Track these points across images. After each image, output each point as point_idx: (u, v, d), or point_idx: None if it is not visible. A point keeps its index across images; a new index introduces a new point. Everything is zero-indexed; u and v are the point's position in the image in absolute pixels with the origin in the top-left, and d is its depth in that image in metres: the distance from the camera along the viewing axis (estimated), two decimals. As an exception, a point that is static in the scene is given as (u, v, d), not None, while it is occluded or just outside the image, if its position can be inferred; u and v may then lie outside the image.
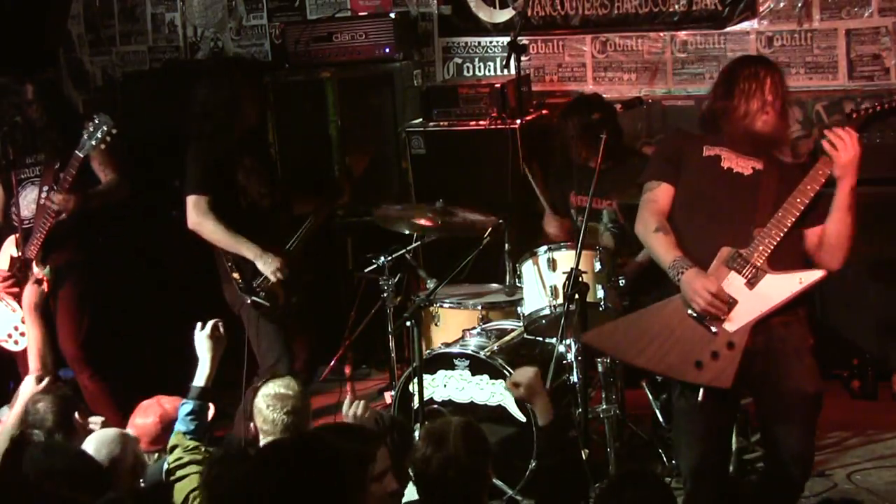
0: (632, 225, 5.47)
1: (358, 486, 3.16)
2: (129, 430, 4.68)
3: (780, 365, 4.26)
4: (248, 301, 5.48)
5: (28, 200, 5.76)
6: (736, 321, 4.22)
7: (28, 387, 4.85)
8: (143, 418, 4.87)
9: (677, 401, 4.40)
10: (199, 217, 5.46)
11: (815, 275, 4.25)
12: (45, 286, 5.69)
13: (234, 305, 5.60)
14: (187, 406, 4.28)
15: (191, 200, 5.48)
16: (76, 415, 4.58)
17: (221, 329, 4.43)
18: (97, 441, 4.28)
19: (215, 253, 5.57)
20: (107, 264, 6.15)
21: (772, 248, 4.21)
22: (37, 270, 5.69)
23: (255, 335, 5.55)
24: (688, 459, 4.42)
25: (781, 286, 4.22)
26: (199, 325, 4.44)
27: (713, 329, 4.22)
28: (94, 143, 5.54)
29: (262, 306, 5.48)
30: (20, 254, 5.68)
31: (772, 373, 4.26)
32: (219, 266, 5.59)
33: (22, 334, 5.74)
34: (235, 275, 5.48)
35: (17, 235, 5.70)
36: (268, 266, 5.43)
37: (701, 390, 4.23)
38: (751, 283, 4.21)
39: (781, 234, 4.22)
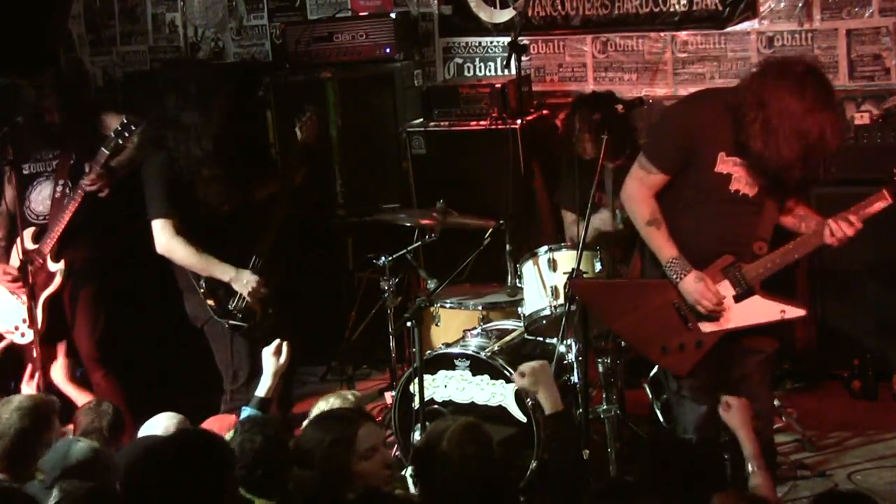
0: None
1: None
2: None
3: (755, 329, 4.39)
4: (227, 325, 5.39)
5: (43, 196, 5.76)
6: (711, 325, 4.35)
7: None
8: (218, 430, 4.86)
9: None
10: (167, 242, 5.31)
11: (797, 312, 4.39)
12: (58, 282, 5.70)
13: (196, 319, 5.51)
14: (247, 412, 4.49)
15: (157, 225, 5.31)
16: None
17: (285, 348, 4.62)
18: (164, 420, 4.46)
19: (178, 271, 5.45)
20: (118, 263, 6.14)
21: (770, 274, 4.32)
22: (52, 266, 5.70)
23: (224, 351, 5.46)
24: (690, 418, 4.51)
25: (764, 310, 4.35)
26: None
27: (689, 324, 4.33)
28: (120, 141, 5.53)
29: (241, 328, 5.40)
30: (23, 247, 5.68)
31: (744, 336, 4.39)
32: (179, 279, 5.49)
33: (30, 327, 5.74)
34: (210, 301, 5.37)
35: (20, 232, 5.70)
36: (245, 287, 5.32)
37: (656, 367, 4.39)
38: (738, 298, 4.32)
39: (783, 266, 4.32)
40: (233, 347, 5.43)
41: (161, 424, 4.47)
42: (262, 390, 4.57)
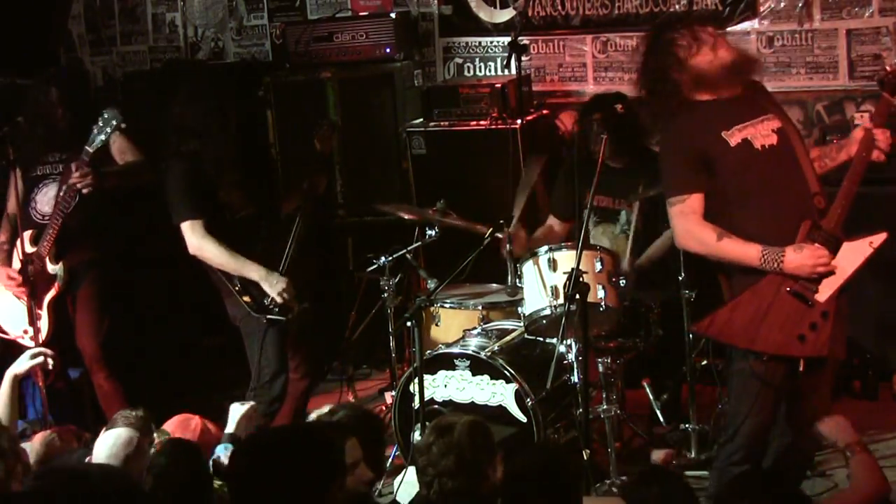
0: (648, 229, 5.50)
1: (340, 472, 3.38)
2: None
3: (835, 331, 4.34)
4: (264, 320, 5.40)
5: (48, 197, 5.76)
6: (825, 291, 4.31)
7: None
8: (183, 432, 4.81)
9: (740, 364, 4.42)
10: (198, 241, 5.34)
11: (880, 236, 4.36)
12: (59, 284, 5.70)
13: (234, 319, 5.55)
14: (220, 449, 4.46)
15: (186, 227, 5.35)
16: None
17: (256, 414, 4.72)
18: (121, 440, 4.25)
19: (211, 271, 5.48)
20: (121, 265, 6.14)
21: (843, 217, 4.31)
22: (51, 268, 5.70)
23: (256, 348, 5.48)
24: (748, 424, 4.43)
25: (856, 252, 4.33)
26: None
27: (809, 302, 4.30)
28: (103, 137, 5.54)
29: (279, 321, 5.42)
30: (23, 249, 5.68)
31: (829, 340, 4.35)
32: (213, 280, 5.52)
33: (30, 324, 5.73)
34: (246, 298, 5.40)
35: (20, 234, 5.72)
36: (274, 287, 5.34)
37: (801, 361, 4.31)
38: (832, 254, 4.29)
39: (849, 203, 4.31)
40: (263, 344, 5.45)
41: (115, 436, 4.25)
42: (229, 427, 4.58)
